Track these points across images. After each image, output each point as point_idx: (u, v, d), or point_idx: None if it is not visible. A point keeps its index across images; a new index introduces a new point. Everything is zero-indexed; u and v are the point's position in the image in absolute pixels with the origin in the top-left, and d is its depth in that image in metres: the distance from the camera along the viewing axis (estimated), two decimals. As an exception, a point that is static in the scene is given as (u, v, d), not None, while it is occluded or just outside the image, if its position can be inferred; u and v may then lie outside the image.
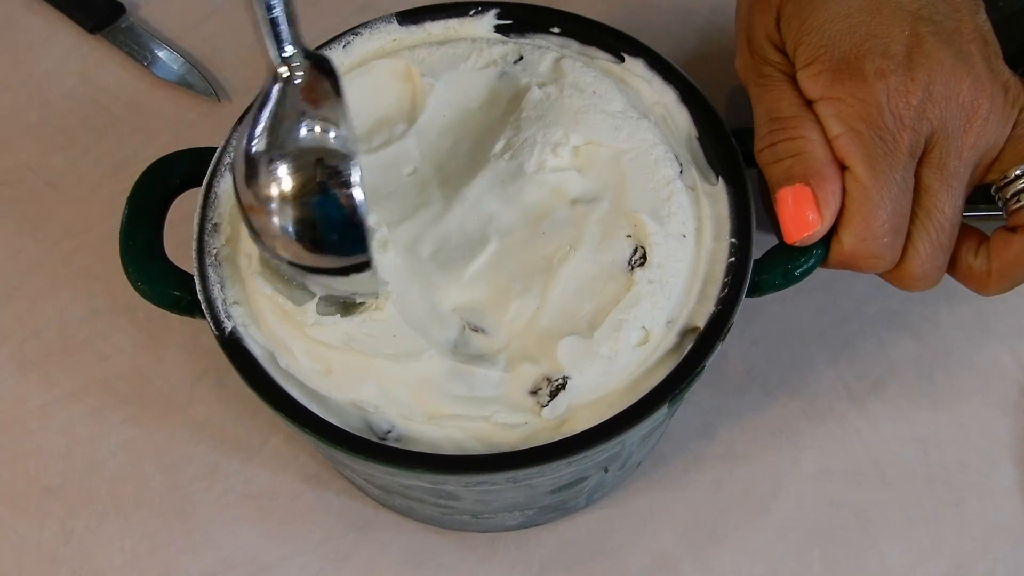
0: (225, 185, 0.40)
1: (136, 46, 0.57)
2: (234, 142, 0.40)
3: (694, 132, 0.41)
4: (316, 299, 0.37)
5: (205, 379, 0.50)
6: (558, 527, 0.46)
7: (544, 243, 0.39)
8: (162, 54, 0.57)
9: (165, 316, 0.39)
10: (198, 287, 0.38)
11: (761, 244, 0.39)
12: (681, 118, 0.42)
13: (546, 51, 0.42)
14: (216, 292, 0.38)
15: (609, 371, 0.37)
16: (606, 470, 0.41)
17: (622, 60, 0.43)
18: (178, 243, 0.41)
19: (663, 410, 0.36)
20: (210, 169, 0.40)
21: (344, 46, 0.43)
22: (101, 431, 0.48)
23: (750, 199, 0.39)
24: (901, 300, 0.50)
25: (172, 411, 0.49)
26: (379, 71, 0.42)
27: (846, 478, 0.47)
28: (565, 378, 0.36)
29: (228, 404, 0.49)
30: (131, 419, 0.49)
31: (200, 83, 0.56)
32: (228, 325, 0.37)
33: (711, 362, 0.37)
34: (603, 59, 0.43)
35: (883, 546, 0.46)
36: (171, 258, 0.40)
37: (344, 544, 0.46)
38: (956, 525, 0.46)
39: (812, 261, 0.38)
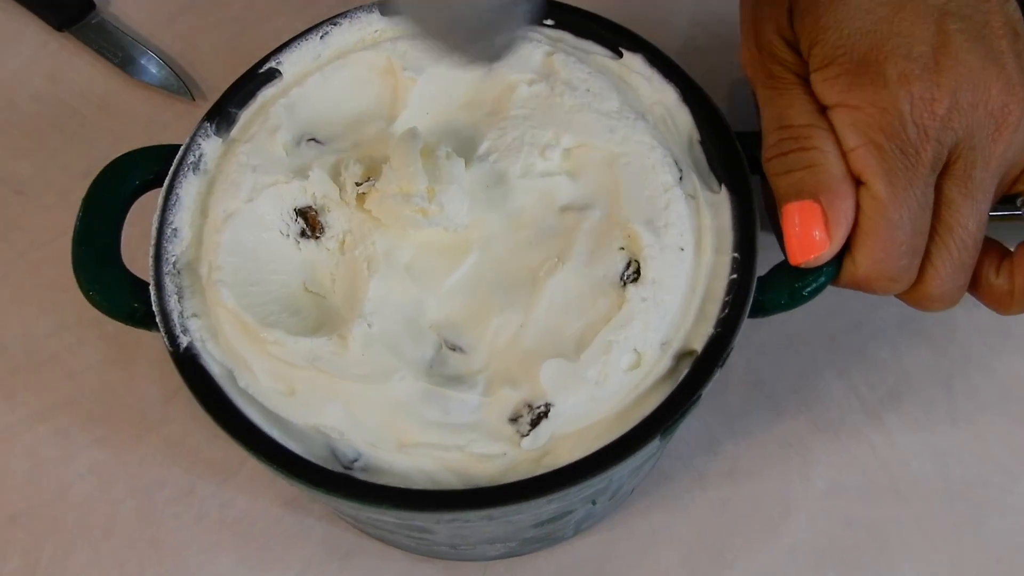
0: (188, 187, 0.38)
1: (106, 44, 0.56)
2: (199, 139, 0.39)
3: (696, 135, 0.39)
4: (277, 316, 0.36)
5: (179, 396, 0.48)
6: (555, 552, 0.45)
7: (530, 254, 0.37)
8: (134, 52, 0.55)
9: (137, 329, 0.38)
10: (153, 297, 0.36)
11: (766, 259, 0.37)
12: (682, 119, 0.40)
13: (537, 45, 0.40)
14: (172, 303, 0.36)
15: (596, 398, 0.35)
16: (594, 503, 0.39)
17: (620, 56, 0.41)
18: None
19: (655, 443, 0.34)
20: (173, 169, 0.38)
21: (322, 36, 0.41)
22: (68, 453, 0.47)
23: (755, 210, 0.37)
24: (917, 304, 0.48)
25: (144, 431, 0.47)
26: (358, 64, 0.41)
27: (860, 495, 0.46)
28: (548, 405, 0.35)
29: (203, 423, 0.46)
30: (100, 440, 0.47)
31: (174, 82, 0.55)
32: (183, 340, 0.35)
33: (709, 389, 0.35)
34: (599, 54, 0.41)
35: (901, 568, 0.44)
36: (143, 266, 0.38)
37: (326, 573, 0.45)
38: (978, 545, 0.45)
39: (822, 279, 0.36)
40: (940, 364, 0.48)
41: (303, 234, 0.38)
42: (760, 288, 0.36)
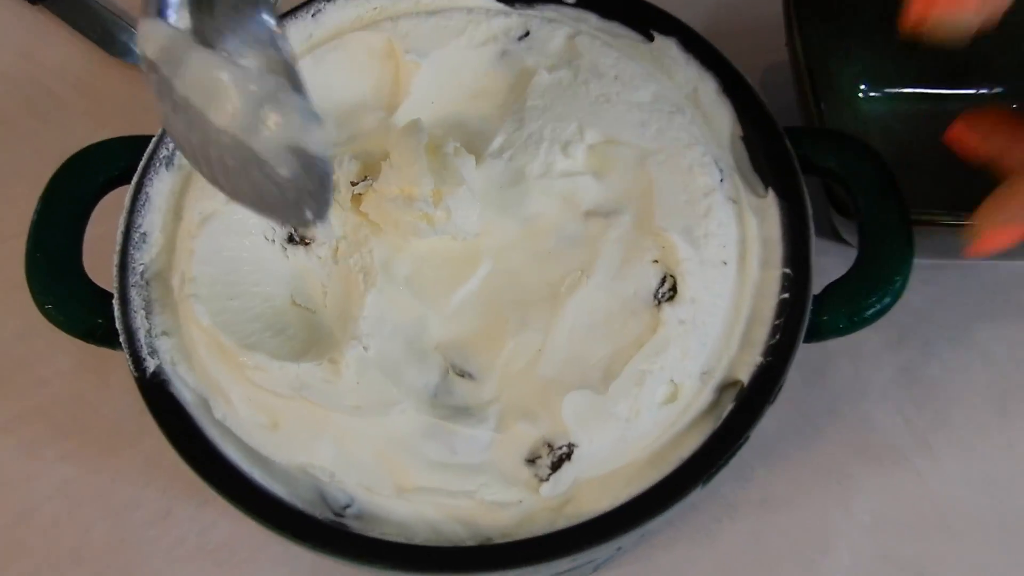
0: (160, 184, 0.37)
1: (84, 19, 0.54)
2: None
3: (738, 130, 0.37)
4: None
5: (157, 408, 0.46)
6: (570, 587, 0.44)
7: (550, 266, 0.35)
8: (114, 29, 0.54)
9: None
10: (116, 312, 0.34)
11: (822, 274, 0.35)
12: (723, 113, 0.37)
13: (558, 25, 0.39)
14: (139, 320, 0.34)
15: (627, 437, 0.33)
16: (619, 547, 0.38)
17: (651, 39, 0.39)
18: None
19: (696, 491, 0.32)
20: (143, 163, 0.36)
21: (314, 14, 0.39)
22: (35, 470, 0.45)
23: (808, 216, 0.35)
24: (968, 316, 0.47)
25: (118, 446, 0.45)
26: (354, 46, 0.39)
27: (906, 529, 0.43)
28: (571, 445, 0.32)
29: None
30: (70, 455, 0.45)
31: None
32: (150, 363, 0.34)
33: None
34: (628, 37, 0.39)
35: (949, 610, 0.43)
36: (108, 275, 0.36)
37: (316, 606, 0.43)
38: (1036, 587, 0.42)
39: (887, 300, 0.34)
40: (995, 383, 0.46)
41: (291, 240, 0.36)
42: (814, 309, 0.34)
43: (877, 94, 0.48)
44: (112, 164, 0.37)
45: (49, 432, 0.45)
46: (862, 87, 0.48)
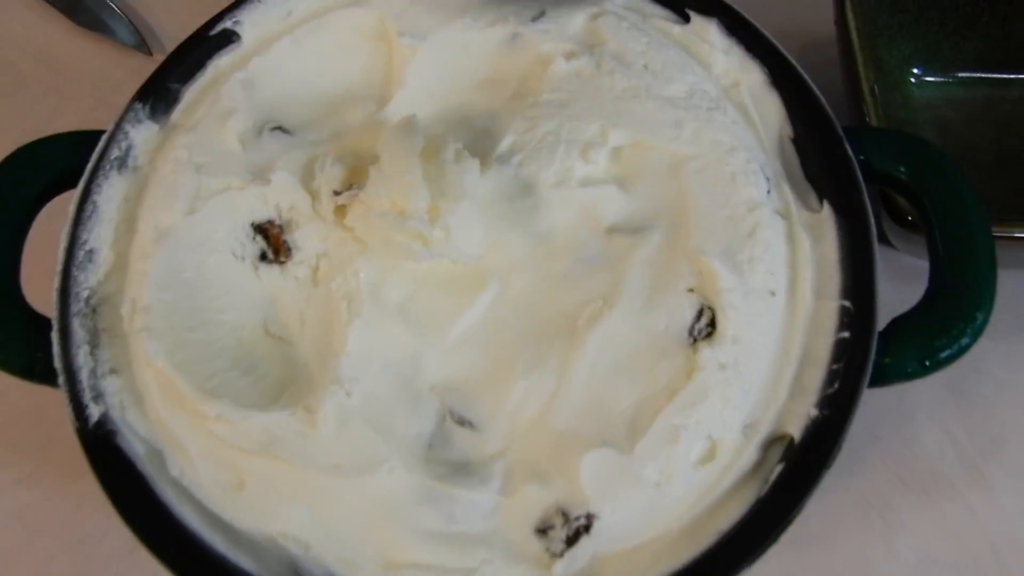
0: (110, 191, 0.34)
1: None
2: (127, 126, 0.34)
3: (788, 130, 0.35)
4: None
5: (125, 426, 0.43)
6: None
7: (566, 293, 0.32)
8: None
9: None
10: (55, 349, 0.31)
11: (886, 304, 0.32)
12: (770, 110, 0.35)
13: (578, 4, 0.37)
14: (82, 357, 0.31)
15: (656, 505, 0.30)
16: None
17: (687, 20, 0.37)
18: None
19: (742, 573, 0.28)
20: (91, 165, 0.34)
21: None
22: None
23: (872, 237, 0.32)
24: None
25: (82, 469, 0.40)
26: (340, 26, 0.37)
27: (956, 571, 0.41)
28: (590, 516, 0.29)
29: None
30: (28, 478, 0.43)
31: (128, 33, 0.51)
32: (94, 411, 0.31)
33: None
34: (660, 18, 0.37)
35: (1004, 662, 0.41)
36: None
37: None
38: (1101, 639, 0.40)
39: (966, 340, 0.31)
40: (1055, 406, 0.44)
41: (263, 257, 0.33)
42: (880, 348, 0.31)
43: (931, 78, 0.45)
44: (55, 164, 0.34)
45: (4, 451, 0.43)
46: (915, 70, 0.45)
